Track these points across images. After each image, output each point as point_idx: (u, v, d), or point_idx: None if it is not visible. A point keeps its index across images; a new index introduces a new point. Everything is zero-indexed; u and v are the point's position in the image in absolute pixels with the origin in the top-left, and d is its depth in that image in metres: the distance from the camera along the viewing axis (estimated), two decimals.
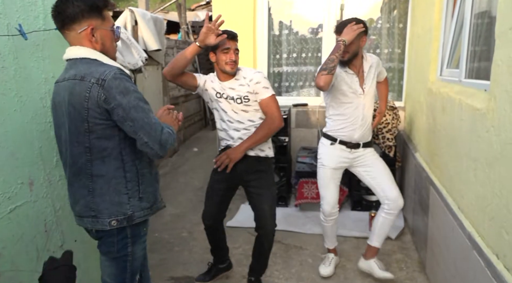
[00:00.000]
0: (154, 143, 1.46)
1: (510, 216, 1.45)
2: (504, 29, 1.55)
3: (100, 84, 1.39)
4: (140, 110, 1.43)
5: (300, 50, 4.41)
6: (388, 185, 2.55)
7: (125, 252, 1.58)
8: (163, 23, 5.16)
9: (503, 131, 1.52)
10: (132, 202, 1.54)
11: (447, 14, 2.75)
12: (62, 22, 1.46)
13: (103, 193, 1.50)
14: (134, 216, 1.55)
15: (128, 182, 1.52)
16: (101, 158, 1.48)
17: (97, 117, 1.42)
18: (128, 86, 1.42)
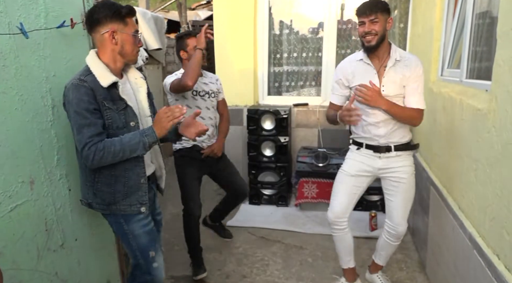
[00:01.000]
0: (81, 153, 1.65)
1: (511, 216, 1.45)
2: (506, 29, 1.55)
3: (64, 91, 1.67)
4: (74, 123, 1.64)
5: (300, 50, 4.41)
6: (397, 210, 2.27)
7: (122, 230, 1.82)
8: (164, 22, 5.15)
9: (504, 132, 1.52)
10: (89, 194, 1.79)
11: (448, 14, 2.75)
12: (90, 25, 1.70)
13: (80, 177, 1.84)
14: (92, 205, 1.81)
15: (87, 176, 1.77)
16: (77, 150, 1.72)
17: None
18: (72, 98, 1.62)
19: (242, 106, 4.30)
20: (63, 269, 1.88)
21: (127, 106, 1.74)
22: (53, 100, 1.83)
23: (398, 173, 2.21)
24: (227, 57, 4.26)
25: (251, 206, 3.98)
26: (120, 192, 1.76)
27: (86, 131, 1.61)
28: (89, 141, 1.61)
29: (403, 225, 2.29)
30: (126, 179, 1.76)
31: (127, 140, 1.66)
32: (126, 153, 1.66)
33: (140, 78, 1.90)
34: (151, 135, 1.68)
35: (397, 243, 2.37)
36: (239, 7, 4.16)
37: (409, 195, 2.26)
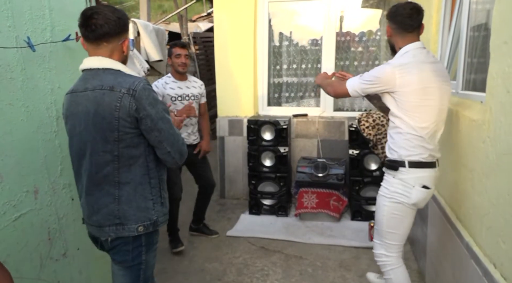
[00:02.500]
0: (176, 153, 1.53)
1: (506, 225, 1.48)
2: (498, 43, 1.59)
3: (131, 94, 1.44)
4: (166, 121, 1.51)
5: (300, 61, 4.47)
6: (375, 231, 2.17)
7: (139, 260, 1.60)
8: (165, 34, 5.22)
9: (499, 142, 1.56)
10: (156, 208, 1.59)
11: (444, 27, 2.81)
12: (103, 35, 1.48)
13: (130, 200, 1.53)
14: (158, 221, 1.60)
15: (153, 188, 1.57)
16: (128, 166, 1.51)
17: (127, 126, 1.46)
18: (156, 98, 1.50)
19: (242, 117, 4.34)
20: (65, 278, 1.90)
21: None
22: (58, 111, 1.87)
23: (379, 191, 2.10)
24: (228, 69, 4.32)
25: (251, 216, 3.99)
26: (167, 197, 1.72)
27: (175, 127, 1.57)
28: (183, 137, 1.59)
29: (374, 248, 2.15)
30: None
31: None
32: None
33: None
34: None
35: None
36: (239, 19, 4.23)
37: (376, 217, 2.10)
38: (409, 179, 1.93)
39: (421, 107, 1.92)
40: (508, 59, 1.49)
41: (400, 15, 1.97)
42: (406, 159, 1.93)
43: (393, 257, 2.08)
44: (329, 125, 4.19)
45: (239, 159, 4.42)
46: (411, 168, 1.92)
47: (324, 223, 3.77)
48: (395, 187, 1.97)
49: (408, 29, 1.97)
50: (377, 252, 2.13)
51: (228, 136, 4.43)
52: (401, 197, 1.95)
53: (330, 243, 3.36)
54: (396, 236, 2.05)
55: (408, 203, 1.95)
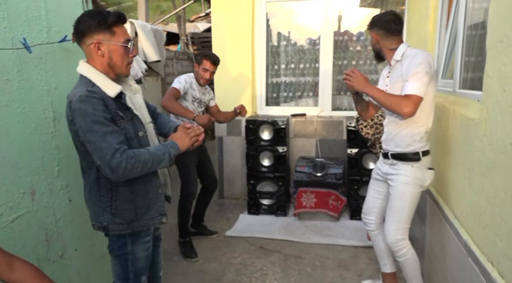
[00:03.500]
0: (105, 167, 1.46)
1: (503, 224, 1.48)
2: (494, 42, 1.60)
3: (69, 106, 1.51)
4: (94, 134, 1.46)
5: (298, 61, 4.47)
6: (386, 218, 2.30)
7: (125, 250, 1.67)
8: (163, 35, 5.23)
9: (496, 141, 1.56)
10: (105, 215, 1.62)
11: (441, 26, 2.81)
12: (76, 38, 1.57)
13: (88, 199, 1.67)
14: (108, 228, 1.64)
15: (102, 196, 1.61)
16: (87, 169, 1.62)
17: (73, 135, 1.56)
18: (86, 110, 1.46)
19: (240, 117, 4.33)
20: (63, 280, 1.90)
21: (133, 116, 1.63)
22: (54, 112, 1.87)
23: (392, 181, 2.26)
24: (226, 69, 4.32)
25: (250, 216, 3.99)
26: (141, 206, 1.66)
27: (112, 139, 1.46)
28: (119, 147, 1.46)
29: (389, 236, 2.26)
30: (145, 191, 1.67)
31: (153, 151, 1.56)
32: (154, 163, 1.55)
33: (134, 84, 1.81)
34: (175, 148, 1.64)
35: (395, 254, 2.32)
36: (237, 19, 4.23)
37: (396, 204, 2.22)
38: (423, 165, 2.19)
39: (433, 102, 2.15)
40: (504, 58, 1.49)
41: (385, 21, 2.17)
42: (420, 150, 2.17)
43: (407, 239, 2.27)
44: (327, 124, 4.20)
45: (238, 159, 4.42)
46: (424, 156, 2.18)
47: (323, 222, 3.77)
48: (416, 174, 2.17)
49: (394, 32, 2.16)
50: (395, 238, 2.25)
51: (226, 136, 4.44)
52: (421, 182, 2.18)
53: (329, 243, 3.36)
54: (411, 218, 2.26)
55: (424, 186, 2.20)
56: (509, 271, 1.42)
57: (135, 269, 1.70)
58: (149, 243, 1.73)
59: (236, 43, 4.28)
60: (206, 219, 3.73)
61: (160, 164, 1.58)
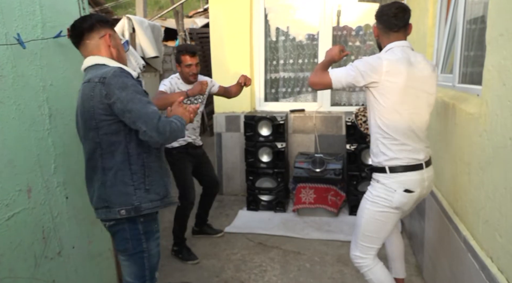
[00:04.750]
0: (152, 131, 1.51)
1: (503, 219, 1.47)
2: (494, 35, 1.58)
3: (101, 82, 1.53)
4: (137, 102, 1.52)
5: (297, 56, 4.45)
6: None
7: (140, 248, 1.67)
8: (161, 30, 5.20)
9: (495, 136, 1.55)
10: (138, 193, 1.63)
11: (441, 20, 2.79)
12: (81, 34, 1.62)
13: (112, 184, 1.61)
14: (141, 207, 1.63)
15: (134, 174, 1.62)
16: (110, 152, 1.59)
17: (101, 113, 1.54)
18: (126, 82, 1.53)
19: (239, 112, 4.32)
20: (61, 277, 1.89)
21: None
22: (50, 109, 1.85)
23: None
24: (224, 64, 4.29)
25: (249, 212, 3.99)
26: (168, 183, 1.75)
27: (153, 106, 1.56)
28: (160, 114, 1.56)
29: (350, 249, 2.11)
30: (167, 169, 1.77)
31: (175, 121, 1.62)
32: (178, 132, 1.61)
33: None
34: (184, 121, 1.69)
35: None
36: (235, 14, 4.21)
37: (356, 219, 2.06)
38: (392, 183, 1.90)
39: (402, 106, 1.87)
40: (504, 52, 1.47)
41: (385, 14, 1.95)
42: (385, 164, 1.90)
43: (368, 258, 2.04)
44: (326, 120, 4.18)
45: (237, 155, 4.41)
46: (392, 172, 1.89)
47: (322, 218, 3.77)
48: (379, 192, 1.93)
49: (393, 28, 1.94)
50: (353, 254, 2.09)
51: (225, 132, 4.42)
52: (385, 201, 1.92)
53: (328, 238, 3.36)
54: (374, 239, 2.02)
55: (392, 206, 1.91)
56: (509, 266, 1.42)
57: (151, 265, 1.72)
58: (159, 238, 1.77)
59: (234, 38, 4.26)
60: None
61: (182, 133, 1.65)
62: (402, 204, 1.90)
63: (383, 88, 1.86)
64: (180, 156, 3.04)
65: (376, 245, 2.02)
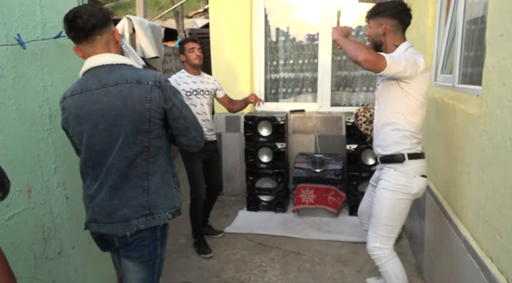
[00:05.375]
0: (199, 136, 1.61)
1: (503, 219, 1.47)
2: (494, 36, 1.58)
3: (158, 86, 1.49)
4: (187, 109, 1.59)
5: (297, 57, 4.45)
6: (370, 225, 2.16)
7: (155, 254, 1.62)
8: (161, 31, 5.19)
9: (495, 136, 1.55)
10: (178, 195, 1.66)
11: (441, 20, 2.79)
12: (92, 29, 1.46)
13: (158, 189, 1.56)
14: (180, 208, 1.66)
15: (174, 176, 1.64)
16: (154, 156, 1.55)
17: (156, 117, 1.51)
18: (176, 88, 1.59)
19: (239, 113, 4.32)
20: (61, 277, 1.89)
21: None
22: (50, 109, 1.85)
23: (380, 183, 2.09)
24: (224, 65, 4.29)
25: (249, 212, 3.99)
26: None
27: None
28: None
29: (367, 242, 2.13)
30: None
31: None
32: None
33: None
34: None
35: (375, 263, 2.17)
36: (235, 15, 4.21)
37: (374, 210, 2.09)
38: (410, 170, 1.99)
39: (422, 106, 1.99)
40: (504, 52, 1.47)
41: (401, 11, 1.96)
42: (405, 152, 2.00)
43: (387, 249, 2.09)
44: (326, 120, 4.18)
45: (237, 156, 4.41)
46: (410, 159, 1.99)
47: (322, 218, 3.77)
48: (398, 180, 2.00)
49: (406, 26, 1.99)
50: (372, 246, 2.11)
51: (225, 133, 4.42)
52: (405, 188, 2.00)
53: (328, 239, 3.36)
54: (394, 228, 2.08)
55: (411, 193, 2.00)
56: (509, 267, 1.42)
57: (159, 271, 1.68)
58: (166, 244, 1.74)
59: (235, 39, 4.26)
60: None
61: None
62: (420, 189, 2.01)
63: (417, 83, 1.93)
64: (191, 153, 3.09)
65: (395, 234, 2.09)
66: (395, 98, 1.98)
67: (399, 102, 1.98)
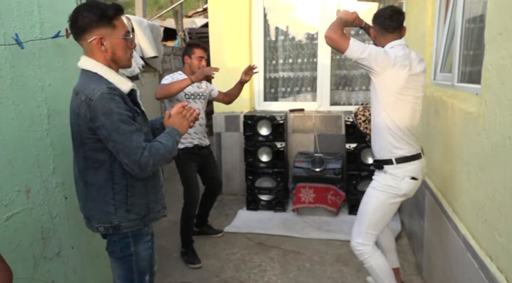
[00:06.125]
0: (134, 165, 1.48)
1: (502, 218, 1.47)
2: (493, 35, 1.57)
3: (87, 103, 1.44)
4: (121, 133, 1.45)
5: (296, 56, 4.44)
6: (355, 221, 2.27)
7: (128, 252, 1.63)
8: (160, 30, 5.19)
9: (494, 135, 1.55)
10: (119, 213, 1.57)
11: (440, 19, 2.79)
12: (74, 33, 1.51)
13: (93, 200, 1.57)
14: (120, 226, 1.59)
15: (116, 194, 1.56)
16: (94, 168, 1.53)
17: (86, 132, 1.48)
18: (111, 108, 1.44)
19: (238, 112, 4.32)
20: (60, 277, 1.89)
21: (142, 112, 1.65)
22: (49, 109, 1.85)
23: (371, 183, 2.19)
24: (223, 64, 4.28)
25: (249, 212, 3.98)
26: (152, 200, 1.67)
27: (137, 137, 1.48)
28: (145, 145, 1.49)
29: (351, 238, 2.23)
30: (155, 185, 1.69)
31: (165, 142, 1.56)
32: (167, 154, 1.56)
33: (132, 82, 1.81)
34: (179, 134, 1.64)
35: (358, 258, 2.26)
36: (234, 14, 4.20)
37: (361, 207, 2.20)
38: (399, 172, 2.06)
39: (400, 102, 2.02)
40: (503, 51, 1.47)
41: (381, 16, 2.10)
42: (392, 157, 2.06)
43: (369, 245, 2.18)
44: (325, 119, 4.18)
45: (236, 155, 4.41)
46: (399, 163, 2.06)
47: (322, 217, 3.77)
48: (387, 181, 2.08)
49: (389, 29, 2.08)
50: (355, 241, 2.20)
51: (224, 132, 4.42)
52: (393, 189, 2.07)
53: (327, 238, 3.36)
54: (378, 226, 2.17)
55: (399, 194, 2.08)
56: (508, 266, 1.41)
57: (139, 269, 1.68)
58: (149, 241, 1.72)
59: (234, 38, 4.25)
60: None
61: (172, 153, 1.59)
62: (408, 190, 2.07)
63: (388, 78, 1.98)
64: (186, 156, 3.04)
65: (378, 232, 2.19)
66: (375, 95, 2.07)
67: (377, 99, 2.06)
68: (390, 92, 2.01)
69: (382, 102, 2.04)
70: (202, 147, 3.14)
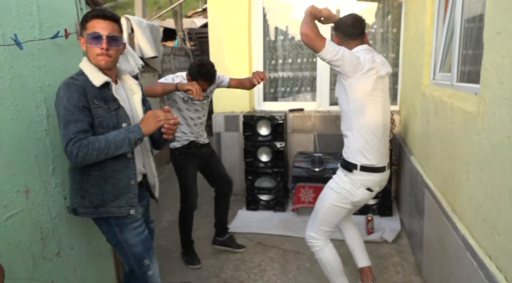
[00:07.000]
0: (65, 149, 1.64)
1: (501, 217, 1.47)
2: (492, 34, 1.57)
3: (56, 91, 1.70)
4: (61, 119, 1.64)
5: (295, 56, 4.45)
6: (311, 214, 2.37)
7: (116, 239, 1.81)
8: (159, 31, 5.19)
9: (493, 134, 1.55)
10: (76, 198, 1.76)
11: (439, 18, 2.79)
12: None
13: (69, 182, 1.82)
14: (77, 210, 1.78)
15: (74, 178, 1.75)
16: (63, 153, 1.69)
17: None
18: (62, 96, 1.65)
19: (238, 112, 4.32)
20: (59, 278, 1.89)
21: (119, 107, 1.76)
22: (48, 109, 1.85)
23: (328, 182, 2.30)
24: (223, 64, 4.28)
25: (249, 212, 3.99)
26: (109, 193, 1.74)
27: (72, 127, 1.61)
28: (73, 137, 1.60)
29: (306, 230, 2.35)
30: (116, 180, 1.75)
31: (112, 137, 1.66)
32: (111, 149, 1.65)
33: (135, 85, 1.93)
34: (137, 132, 1.69)
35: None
36: (234, 14, 4.20)
37: (316, 204, 2.30)
38: (358, 180, 2.14)
39: (370, 103, 2.09)
40: (502, 50, 1.47)
41: (344, 24, 2.20)
42: (355, 162, 2.13)
43: (321, 239, 2.30)
44: (325, 119, 4.18)
45: (236, 155, 4.41)
46: (361, 170, 2.13)
47: None
48: (345, 184, 2.17)
49: (352, 36, 2.18)
50: (308, 234, 2.33)
51: (224, 132, 4.42)
52: (348, 194, 2.16)
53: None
54: (330, 224, 2.28)
55: (352, 201, 2.18)
56: (507, 265, 1.42)
57: (134, 254, 1.81)
58: (139, 228, 1.83)
59: (233, 38, 4.26)
60: (204, 215, 3.72)
61: (119, 149, 1.67)
62: (361, 199, 2.18)
63: (358, 82, 2.05)
64: (183, 157, 2.95)
65: (331, 229, 2.30)
66: (345, 97, 2.13)
67: (348, 101, 2.11)
68: (360, 94, 2.07)
69: (352, 104, 2.09)
70: (200, 145, 3.01)
